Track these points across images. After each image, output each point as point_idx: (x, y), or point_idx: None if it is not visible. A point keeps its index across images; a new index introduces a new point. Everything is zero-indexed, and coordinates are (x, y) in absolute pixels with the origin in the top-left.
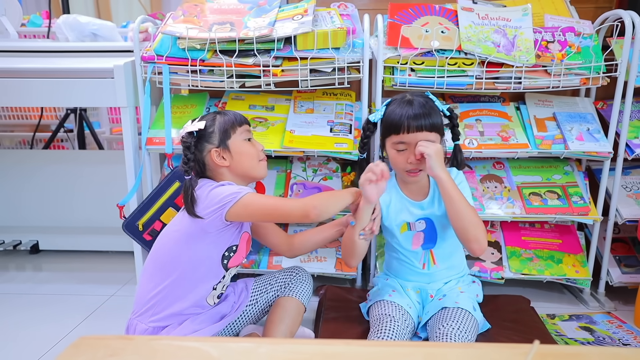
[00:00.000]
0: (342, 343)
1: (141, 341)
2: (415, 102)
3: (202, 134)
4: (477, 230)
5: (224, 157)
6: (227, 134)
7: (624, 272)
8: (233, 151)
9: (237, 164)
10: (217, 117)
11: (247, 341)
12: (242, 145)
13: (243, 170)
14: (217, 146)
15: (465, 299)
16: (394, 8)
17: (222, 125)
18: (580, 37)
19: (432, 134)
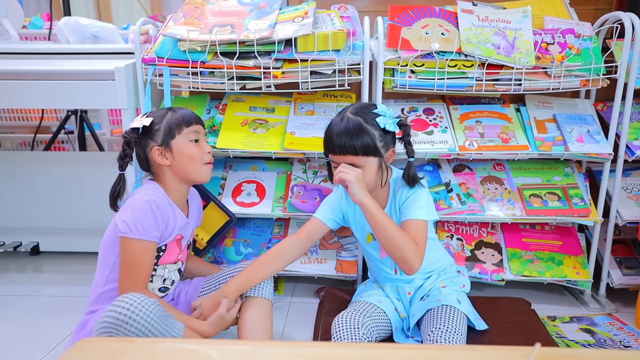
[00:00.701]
0: (343, 345)
1: (142, 344)
2: (346, 122)
3: (148, 130)
4: (404, 254)
5: (166, 157)
6: (172, 133)
7: (624, 273)
8: (175, 151)
9: (178, 165)
10: (168, 114)
11: (248, 344)
12: (185, 147)
13: (183, 172)
14: (160, 145)
15: (447, 294)
16: (394, 10)
17: (168, 123)
18: (580, 39)
19: (360, 157)
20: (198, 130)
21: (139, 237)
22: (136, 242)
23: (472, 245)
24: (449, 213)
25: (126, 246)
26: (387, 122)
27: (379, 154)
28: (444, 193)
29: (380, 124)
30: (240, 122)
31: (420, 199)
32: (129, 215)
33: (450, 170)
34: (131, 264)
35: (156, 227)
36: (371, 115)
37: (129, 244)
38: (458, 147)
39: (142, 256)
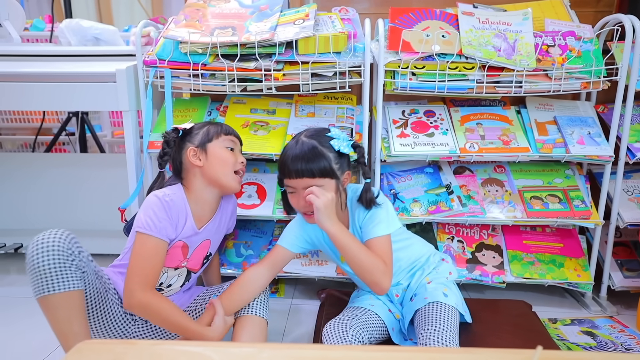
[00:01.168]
0: (343, 348)
1: (144, 346)
2: (301, 145)
3: (187, 134)
4: (373, 276)
5: (199, 158)
6: (209, 137)
7: (626, 276)
8: (210, 154)
9: (211, 167)
10: (209, 125)
11: (249, 346)
12: (220, 151)
13: (215, 175)
14: (196, 146)
15: (433, 290)
16: (395, 12)
17: (208, 129)
18: (580, 41)
19: (317, 179)
20: (235, 141)
21: (151, 234)
22: (147, 238)
23: (473, 248)
24: (449, 215)
25: (139, 241)
26: (341, 145)
27: (336, 176)
28: (444, 195)
29: (334, 147)
30: (241, 124)
31: (378, 214)
32: (144, 211)
33: (451, 172)
34: (141, 260)
35: (169, 224)
36: (325, 139)
37: (143, 239)
38: (459, 149)
39: (154, 255)
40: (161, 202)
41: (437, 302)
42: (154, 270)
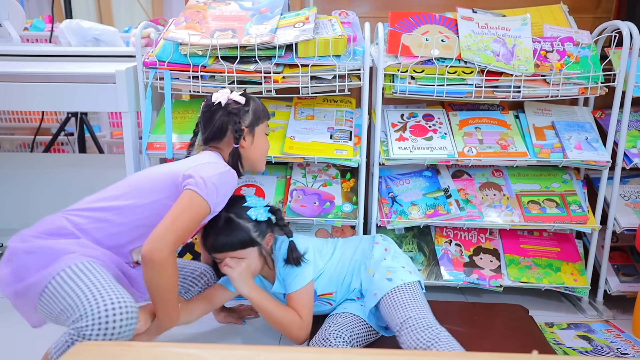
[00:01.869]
0: (340, 351)
1: (141, 347)
2: (218, 222)
3: (239, 107)
4: (290, 332)
5: (245, 139)
6: (258, 120)
7: (622, 280)
8: (256, 138)
9: (253, 150)
10: (251, 99)
11: (247, 349)
12: (263, 137)
13: (253, 158)
14: (247, 126)
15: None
16: (395, 16)
17: (256, 110)
18: (578, 47)
19: (238, 251)
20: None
21: (207, 199)
22: (202, 201)
23: (471, 251)
24: (447, 219)
25: (190, 200)
26: (257, 214)
27: (256, 244)
28: (442, 199)
29: (251, 217)
30: None
31: (294, 270)
32: (210, 174)
33: (449, 176)
34: (187, 219)
35: (224, 200)
36: (242, 210)
37: (196, 200)
38: (457, 153)
39: (198, 217)
40: (233, 179)
41: (387, 294)
42: (190, 232)
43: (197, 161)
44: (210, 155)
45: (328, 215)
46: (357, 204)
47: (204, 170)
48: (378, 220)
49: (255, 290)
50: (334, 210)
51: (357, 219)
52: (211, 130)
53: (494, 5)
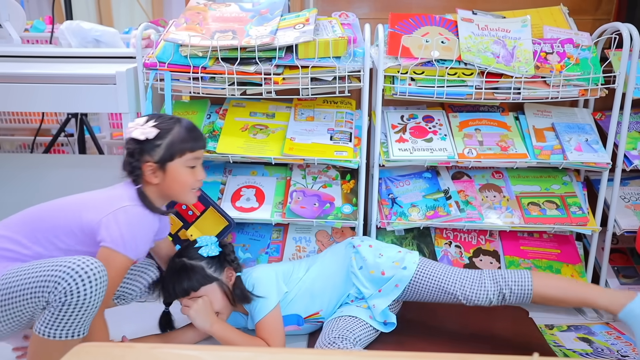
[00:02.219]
0: (341, 353)
1: (141, 349)
2: (171, 268)
3: (147, 142)
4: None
5: (156, 176)
6: (172, 156)
7: (622, 282)
8: (168, 175)
9: (167, 187)
10: (175, 129)
11: (247, 350)
12: (180, 173)
13: (169, 194)
14: (155, 162)
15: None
16: (395, 18)
17: (172, 143)
18: (579, 49)
19: (197, 292)
20: (199, 157)
21: (126, 254)
22: (123, 258)
23: (470, 253)
24: (447, 220)
25: (109, 259)
26: (208, 251)
27: (214, 279)
28: (442, 200)
29: (203, 255)
30: (240, 127)
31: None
32: (125, 229)
33: (449, 177)
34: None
35: (147, 243)
36: (193, 251)
37: (114, 257)
38: (457, 155)
39: (121, 271)
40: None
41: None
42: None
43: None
44: (123, 192)
45: (328, 217)
46: (357, 206)
47: (115, 223)
48: (378, 221)
49: (217, 325)
50: (334, 212)
51: (357, 221)
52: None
53: (493, 6)
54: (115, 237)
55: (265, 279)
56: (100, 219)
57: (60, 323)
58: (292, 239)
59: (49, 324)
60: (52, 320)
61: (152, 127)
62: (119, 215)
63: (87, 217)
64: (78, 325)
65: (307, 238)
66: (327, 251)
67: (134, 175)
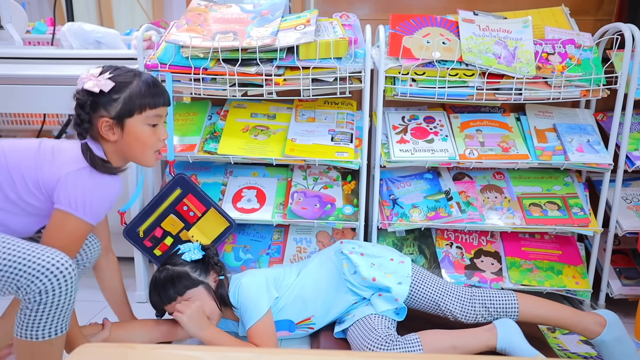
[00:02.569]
0: (343, 354)
1: (143, 349)
2: (156, 277)
3: (103, 96)
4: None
5: (114, 132)
6: (130, 112)
7: (624, 284)
8: (126, 132)
9: (125, 145)
10: (134, 83)
11: (248, 351)
12: (140, 131)
13: (130, 154)
14: (112, 117)
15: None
16: (396, 19)
17: (131, 98)
18: (580, 50)
19: (183, 296)
20: (161, 115)
21: (86, 220)
22: (82, 223)
23: (472, 254)
24: (448, 221)
25: (67, 223)
26: (191, 255)
27: (199, 283)
28: (443, 201)
29: (187, 259)
30: (241, 128)
31: (246, 304)
32: (81, 193)
33: (450, 178)
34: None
35: (107, 206)
36: (177, 257)
37: (73, 222)
38: (458, 156)
39: (80, 239)
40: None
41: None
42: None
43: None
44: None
45: (329, 218)
46: (358, 207)
47: (74, 185)
48: (379, 222)
49: (209, 329)
50: (335, 213)
51: (358, 222)
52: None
53: (495, 7)
54: (72, 200)
55: (254, 285)
56: (58, 177)
57: (40, 323)
58: (293, 240)
59: (29, 326)
60: (30, 322)
61: (108, 79)
62: (79, 176)
63: (43, 174)
64: (58, 322)
65: (308, 239)
66: (316, 256)
67: (81, 128)
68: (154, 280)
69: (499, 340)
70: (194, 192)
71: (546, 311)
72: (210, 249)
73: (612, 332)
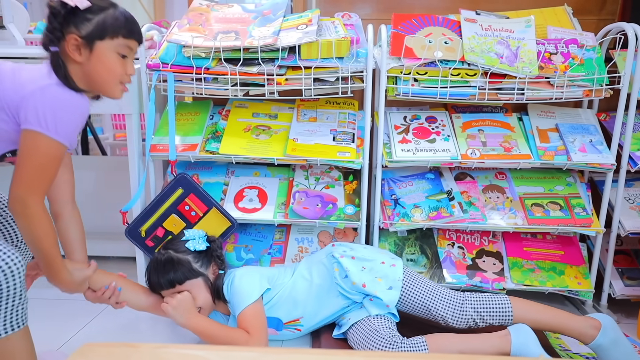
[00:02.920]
0: (345, 353)
1: (146, 349)
2: (156, 260)
3: (77, 13)
4: None
5: (80, 53)
6: (102, 34)
7: (626, 284)
8: (94, 55)
9: (91, 69)
10: (110, 10)
11: (252, 350)
12: (109, 56)
13: (94, 80)
14: (81, 36)
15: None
16: (398, 18)
17: (105, 21)
18: (583, 49)
19: (181, 286)
20: (132, 48)
21: (59, 139)
22: (54, 143)
23: (473, 254)
24: (450, 221)
25: (38, 144)
26: (196, 245)
27: (199, 274)
28: (445, 201)
29: (190, 249)
30: (243, 128)
31: (238, 290)
32: (51, 110)
33: (452, 178)
34: (41, 168)
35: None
36: (180, 244)
37: (45, 142)
38: (460, 156)
39: (55, 161)
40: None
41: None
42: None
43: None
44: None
45: (331, 218)
46: (360, 206)
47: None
48: (381, 222)
49: (196, 318)
50: (337, 213)
51: (359, 221)
52: None
53: (497, 7)
54: (42, 118)
55: (248, 275)
56: (22, 95)
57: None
58: (295, 240)
59: None
60: None
61: None
62: (47, 91)
63: (5, 92)
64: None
65: (310, 239)
66: (308, 259)
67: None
68: (156, 261)
69: (513, 346)
70: (195, 191)
71: (541, 315)
72: (215, 241)
73: (607, 334)
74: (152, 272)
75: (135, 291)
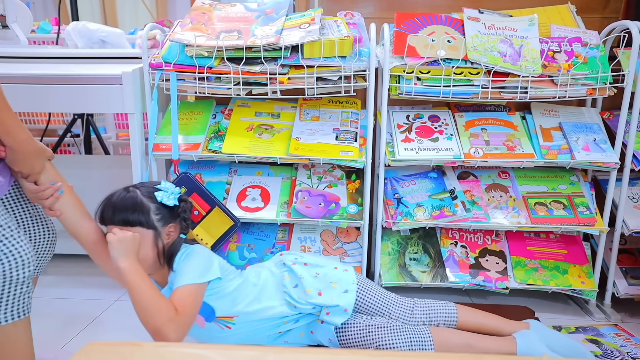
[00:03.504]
0: (348, 352)
1: (149, 348)
2: (121, 193)
3: None
4: (155, 320)
5: None
6: None
7: (630, 283)
8: None
9: None
10: None
11: (254, 349)
12: None
13: None
14: None
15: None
16: (400, 17)
17: None
18: (587, 48)
19: (133, 228)
20: None
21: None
22: None
23: (477, 253)
24: (453, 220)
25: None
26: (164, 197)
27: (153, 227)
28: (448, 200)
29: (157, 198)
30: (245, 127)
31: (192, 264)
32: None
33: (455, 177)
34: None
35: None
36: (150, 189)
37: None
38: (463, 155)
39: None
40: None
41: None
42: None
43: None
44: None
45: (333, 217)
46: (363, 205)
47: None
48: (383, 221)
49: (132, 262)
50: (339, 212)
51: (362, 220)
52: None
53: (500, 5)
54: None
55: (206, 255)
56: None
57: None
58: (297, 239)
59: None
60: None
61: None
62: None
63: None
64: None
65: (312, 238)
66: (257, 266)
67: None
68: (118, 196)
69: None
70: (198, 190)
71: (483, 319)
72: (186, 202)
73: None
74: (110, 201)
75: (75, 207)
